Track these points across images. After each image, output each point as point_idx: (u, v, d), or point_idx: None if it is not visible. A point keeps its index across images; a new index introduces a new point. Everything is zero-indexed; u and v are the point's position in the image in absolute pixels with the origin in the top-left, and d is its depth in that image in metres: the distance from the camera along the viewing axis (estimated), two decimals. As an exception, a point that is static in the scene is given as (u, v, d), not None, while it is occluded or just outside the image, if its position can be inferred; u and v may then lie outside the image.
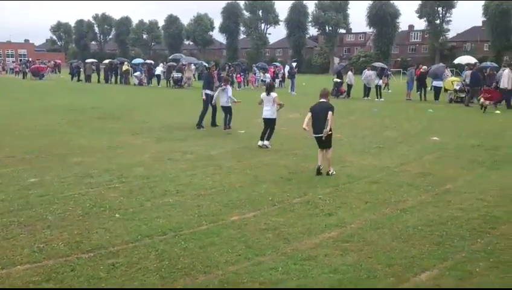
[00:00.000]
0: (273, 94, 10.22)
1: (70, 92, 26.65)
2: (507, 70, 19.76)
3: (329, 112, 7.59)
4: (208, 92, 13.28)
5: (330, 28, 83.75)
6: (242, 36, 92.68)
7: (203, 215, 5.58)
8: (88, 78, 38.28)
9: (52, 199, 6.17)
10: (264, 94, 10.31)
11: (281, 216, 5.60)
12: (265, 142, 10.15)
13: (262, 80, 36.17)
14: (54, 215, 5.53)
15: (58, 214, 5.60)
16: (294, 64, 34.54)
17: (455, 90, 22.92)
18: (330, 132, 7.67)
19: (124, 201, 6.11)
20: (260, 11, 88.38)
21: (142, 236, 4.91)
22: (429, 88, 24.52)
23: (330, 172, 7.72)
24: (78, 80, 39.09)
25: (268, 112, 10.18)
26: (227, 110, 12.76)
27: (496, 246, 4.70)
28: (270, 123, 10.20)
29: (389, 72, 35.57)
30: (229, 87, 12.88)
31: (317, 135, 7.78)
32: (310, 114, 7.91)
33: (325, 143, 7.81)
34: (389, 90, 30.81)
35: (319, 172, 7.69)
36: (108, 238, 4.85)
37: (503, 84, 19.47)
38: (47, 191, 6.53)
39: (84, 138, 11.01)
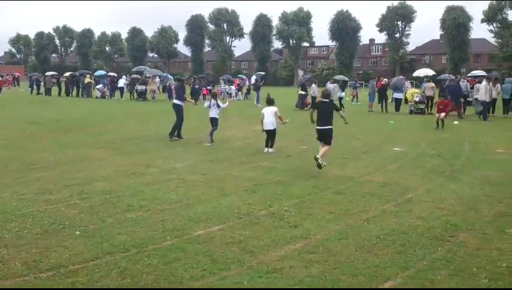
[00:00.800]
0: (274, 108, 11.38)
1: (29, 105, 25.89)
2: (484, 82, 20.38)
3: (334, 110, 9.11)
4: (178, 102, 13.41)
5: (294, 42, 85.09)
6: (207, 49, 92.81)
7: (168, 230, 5.48)
8: (48, 91, 37.33)
9: (9, 216, 5.93)
10: (265, 108, 11.44)
11: (247, 229, 5.58)
12: (270, 150, 11.22)
13: (227, 92, 36.28)
14: (11, 234, 5.31)
15: (15, 232, 5.38)
16: (259, 76, 34.87)
17: (415, 102, 23.63)
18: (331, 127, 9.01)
19: (85, 218, 5.94)
20: (225, 24, 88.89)
21: (104, 253, 4.77)
22: (390, 100, 25.20)
23: (323, 165, 8.61)
24: (38, 93, 38.06)
25: (268, 124, 11.22)
26: (215, 121, 12.96)
27: (456, 254, 4.82)
28: (271, 133, 11.28)
29: (357, 85, 36.44)
30: (218, 101, 13.14)
31: (321, 128, 8.98)
32: (315, 111, 9.22)
33: (326, 138, 8.98)
34: (358, 102, 31.56)
35: (319, 166, 8.61)
36: (68, 257, 4.69)
37: (481, 96, 19.98)
38: (4, 208, 6.28)
39: (44, 152, 10.69)
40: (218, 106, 12.91)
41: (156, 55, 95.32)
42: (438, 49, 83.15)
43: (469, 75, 34.13)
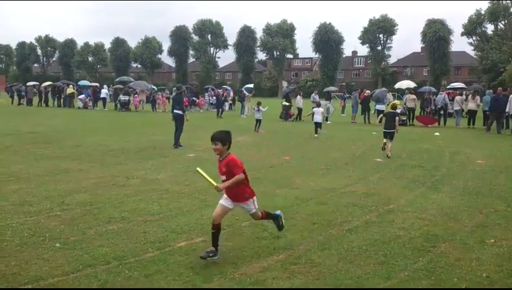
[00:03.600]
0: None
1: (9, 116, 25.49)
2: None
3: (396, 118, 12.77)
4: (180, 112, 13.78)
5: (278, 53, 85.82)
6: (191, 59, 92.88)
7: (149, 242, 5.42)
8: (29, 102, 36.86)
9: (-14, 229, 5.80)
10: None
11: (230, 240, 5.55)
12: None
13: (210, 103, 36.29)
14: (-12, 247, 5.20)
15: (-8, 245, 5.26)
16: (247, 89, 35.04)
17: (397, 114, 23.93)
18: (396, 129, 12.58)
19: (65, 229, 5.84)
20: (209, 35, 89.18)
21: (84, 266, 4.69)
22: (372, 111, 25.52)
23: (389, 155, 12.16)
24: (19, 104, 37.54)
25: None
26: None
27: (436, 264, 4.86)
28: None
29: (345, 96, 36.94)
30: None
31: (387, 131, 12.48)
32: (384, 117, 12.84)
33: (390, 136, 12.44)
34: (343, 114, 31.82)
35: (388, 156, 12.15)
36: (48, 269, 4.60)
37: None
38: (-20, 221, 6.14)
39: (23, 164, 10.50)
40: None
41: (139, 66, 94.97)
42: (419, 61, 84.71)
43: (448, 87, 34.81)
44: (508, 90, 21.65)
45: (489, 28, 67.92)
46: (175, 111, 13.94)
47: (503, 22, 64.79)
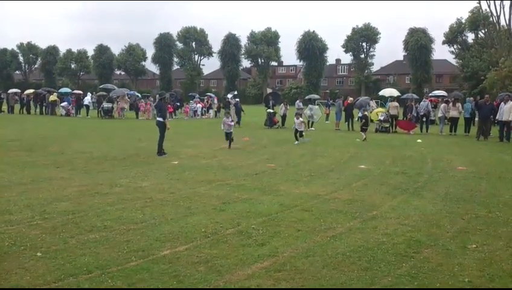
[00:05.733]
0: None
1: (-10, 124, 25.07)
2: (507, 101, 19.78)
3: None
4: (161, 119, 13.69)
5: (262, 61, 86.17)
6: (176, 67, 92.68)
7: (133, 251, 5.37)
8: (11, 109, 36.33)
9: (-36, 239, 5.68)
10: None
11: (214, 248, 5.52)
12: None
13: (194, 111, 36.27)
14: (-34, 257, 5.08)
15: (-29, 255, 5.15)
16: (230, 95, 35.16)
17: (380, 121, 24.23)
18: None
19: (47, 238, 5.75)
20: (193, 42, 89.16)
21: (66, 275, 4.62)
22: (356, 119, 25.75)
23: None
24: (0, 111, 36.98)
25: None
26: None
27: (419, 270, 4.90)
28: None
29: (330, 103, 37.16)
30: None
31: None
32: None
33: None
34: (327, 121, 32.09)
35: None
36: (29, 279, 4.52)
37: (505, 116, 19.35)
38: (-41, 230, 6.01)
39: (4, 172, 10.33)
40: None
41: (123, 73, 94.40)
42: (402, 69, 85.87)
43: (430, 95, 35.34)
44: (486, 97, 22.05)
45: (470, 37, 69.25)
46: (157, 118, 13.95)
47: (483, 31, 66.06)
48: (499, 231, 6.36)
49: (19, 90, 45.11)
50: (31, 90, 41.85)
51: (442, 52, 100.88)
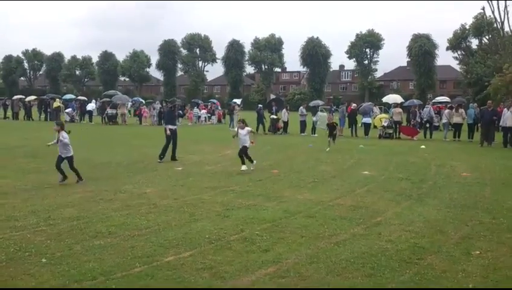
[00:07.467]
0: (248, 128, 12.20)
1: (-5, 130, 25.21)
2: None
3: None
4: (171, 127, 13.83)
5: (266, 67, 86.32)
6: (180, 73, 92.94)
7: (137, 257, 5.39)
8: (16, 116, 36.53)
9: (-30, 245, 5.72)
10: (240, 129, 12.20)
11: (218, 254, 5.54)
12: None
13: (198, 116, 36.44)
14: (-28, 263, 5.12)
15: (-23, 261, 5.19)
16: (237, 101, 35.28)
17: (383, 127, 24.22)
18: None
19: (52, 245, 5.78)
20: (197, 49, 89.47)
21: (71, 281, 4.65)
22: (359, 124, 25.76)
23: None
24: (5, 118, 37.18)
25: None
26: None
27: (423, 277, 4.90)
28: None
29: (333, 109, 37.18)
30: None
31: None
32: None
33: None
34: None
35: None
36: (34, 285, 4.55)
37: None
38: (-35, 236, 6.05)
39: (8, 178, 10.39)
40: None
41: (127, 79, 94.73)
42: (405, 75, 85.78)
43: (434, 101, 35.30)
44: (488, 103, 22.03)
45: (474, 43, 69.07)
46: (167, 126, 13.97)
47: (487, 37, 66.02)
48: (503, 238, 6.35)
49: (23, 96, 45.34)
50: (33, 97, 42.05)
51: (446, 58, 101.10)
